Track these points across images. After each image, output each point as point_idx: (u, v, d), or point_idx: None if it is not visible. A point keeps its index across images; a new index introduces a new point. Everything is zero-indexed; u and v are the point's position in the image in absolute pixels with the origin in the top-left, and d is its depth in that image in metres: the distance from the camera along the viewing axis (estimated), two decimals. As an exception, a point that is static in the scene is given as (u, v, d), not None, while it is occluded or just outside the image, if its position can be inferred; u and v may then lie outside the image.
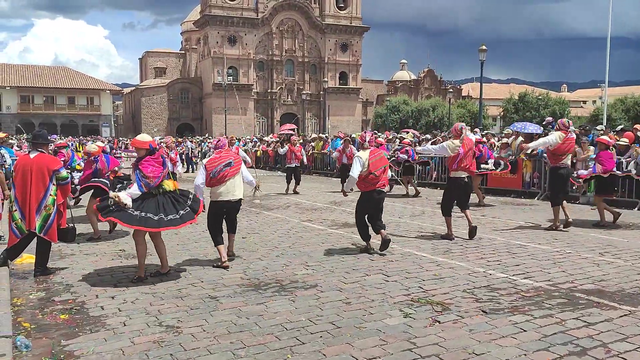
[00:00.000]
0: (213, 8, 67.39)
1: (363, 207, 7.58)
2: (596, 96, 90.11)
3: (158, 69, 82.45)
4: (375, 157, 7.37)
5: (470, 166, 8.37)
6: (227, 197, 6.85)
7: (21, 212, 6.29)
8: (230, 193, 6.85)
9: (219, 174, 6.73)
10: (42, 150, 6.57)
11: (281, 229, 9.53)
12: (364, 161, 7.27)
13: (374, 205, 7.50)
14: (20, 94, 63.61)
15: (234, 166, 6.86)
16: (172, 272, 6.48)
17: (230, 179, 6.81)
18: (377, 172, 7.29)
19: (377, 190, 7.40)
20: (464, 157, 8.22)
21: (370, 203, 7.46)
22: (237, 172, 6.91)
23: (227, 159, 6.85)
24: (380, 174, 7.35)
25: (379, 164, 7.35)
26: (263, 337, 4.40)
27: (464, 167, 8.29)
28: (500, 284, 5.92)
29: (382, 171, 7.38)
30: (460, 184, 8.39)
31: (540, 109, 61.22)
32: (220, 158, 6.86)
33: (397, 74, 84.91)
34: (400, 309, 5.05)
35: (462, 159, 8.22)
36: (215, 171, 6.72)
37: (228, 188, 6.83)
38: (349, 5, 73.79)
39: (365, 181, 7.36)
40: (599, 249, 7.72)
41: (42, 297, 5.59)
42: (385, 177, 7.49)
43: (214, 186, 6.81)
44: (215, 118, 67.27)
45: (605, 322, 4.68)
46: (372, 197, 7.42)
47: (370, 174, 7.28)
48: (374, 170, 7.27)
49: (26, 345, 4.18)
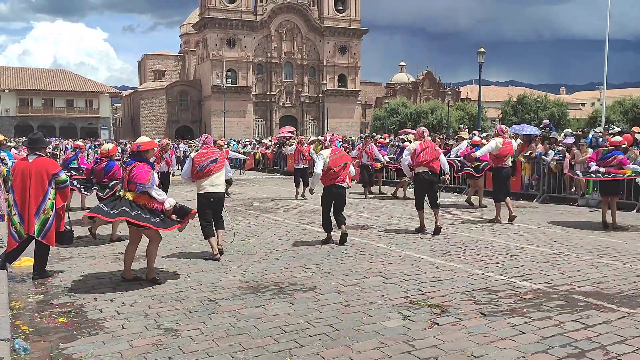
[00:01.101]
0: (212, 11, 67.44)
1: (325, 200, 8.39)
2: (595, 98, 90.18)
3: (157, 72, 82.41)
4: (335, 155, 8.31)
5: (430, 162, 9.16)
6: (212, 190, 7.46)
7: (20, 215, 6.29)
8: (215, 186, 7.49)
9: (206, 169, 7.39)
10: (40, 153, 6.57)
11: (280, 232, 9.53)
12: (325, 158, 8.24)
13: (334, 198, 8.32)
14: (19, 96, 63.55)
15: (219, 162, 7.54)
16: (171, 274, 6.48)
17: (214, 174, 7.47)
18: (336, 168, 8.19)
19: (335, 185, 8.26)
20: (421, 153, 9.15)
21: (331, 196, 8.32)
22: (221, 168, 7.59)
23: (213, 156, 7.53)
24: (340, 170, 8.24)
25: (338, 161, 8.26)
26: (262, 339, 4.40)
27: (424, 162, 9.14)
28: (499, 286, 5.93)
29: (341, 167, 8.26)
30: (423, 178, 9.20)
31: (539, 111, 61.26)
32: (207, 154, 7.54)
33: (396, 77, 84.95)
34: (399, 312, 5.05)
35: (419, 154, 9.16)
36: (202, 165, 7.39)
37: (213, 181, 7.47)
38: (347, 8, 73.84)
39: (326, 176, 8.26)
40: (597, 251, 7.73)
41: (41, 300, 5.59)
42: (345, 174, 8.34)
43: (200, 179, 7.44)
44: (214, 121, 67.25)
45: (604, 324, 4.69)
46: (331, 191, 8.29)
47: (329, 170, 8.20)
48: (333, 167, 8.19)
49: (24, 349, 4.17)
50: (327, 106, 67.86)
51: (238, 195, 15.67)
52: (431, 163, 9.16)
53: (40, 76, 66.78)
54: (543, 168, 13.83)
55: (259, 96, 71.54)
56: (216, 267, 6.92)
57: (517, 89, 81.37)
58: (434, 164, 9.20)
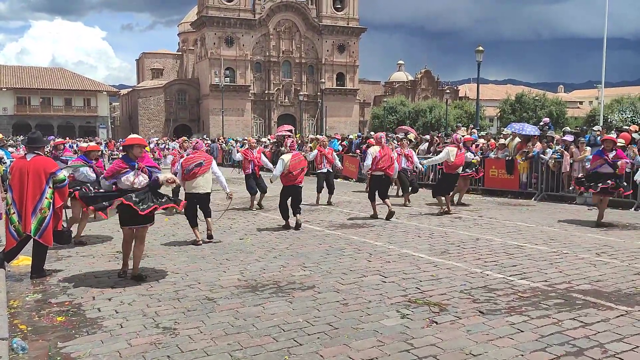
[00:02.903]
0: (210, 9, 67.34)
1: (284, 195, 9.58)
2: (593, 97, 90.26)
3: (155, 70, 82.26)
4: (294, 160, 9.33)
5: (386, 168, 10.42)
6: (197, 190, 8.28)
7: (19, 214, 6.27)
8: (200, 187, 8.30)
9: (191, 172, 8.20)
10: (39, 152, 6.55)
11: (278, 230, 9.52)
12: (286, 163, 9.27)
13: (292, 195, 9.53)
14: (16, 95, 63.38)
15: (204, 166, 8.29)
16: (169, 273, 6.49)
17: (200, 176, 8.25)
18: (294, 172, 9.28)
19: (294, 185, 9.43)
20: (380, 160, 10.37)
21: (289, 193, 9.53)
22: (207, 170, 8.33)
23: (199, 160, 8.32)
24: (298, 174, 9.35)
25: (297, 165, 9.31)
26: (260, 338, 4.40)
27: (381, 167, 10.41)
28: (497, 284, 5.93)
29: (299, 172, 9.37)
30: (379, 179, 10.58)
31: (537, 110, 61.35)
32: (193, 158, 8.37)
33: (395, 75, 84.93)
34: (398, 310, 5.06)
35: (379, 161, 10.38)
36: (189, 169, 8.21)
37: (198, 183, 8.27)
38: (346, 6, 73.75)
39: (286, 177, 9.37)
40: (595, 249, 7.74)
41: (39, 299, 5.58)
42: (302, 177, 9.50)
43: (188, 180, 8.26)
44: (212, 119, 67.18)
45: (602, 322, 4.69)
46: (290, 190, 9.49)
47: (289, 173, 9.28)
48: (292, 170, 9.26)
49: (22, 348, 4.17)
50: (326, 105, 67.79)
51: (236, 194, 15.64)
52: (387, 169, 10.46)
53: (38, 75, 66.62)
54: (541, 166, 13.84)
55: (258, 95, 71.48)
56: (215, 265, 6.92)
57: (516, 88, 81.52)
58: (388, 169, 10.49)
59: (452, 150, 11.14)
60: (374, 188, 10.79)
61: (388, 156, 10.52)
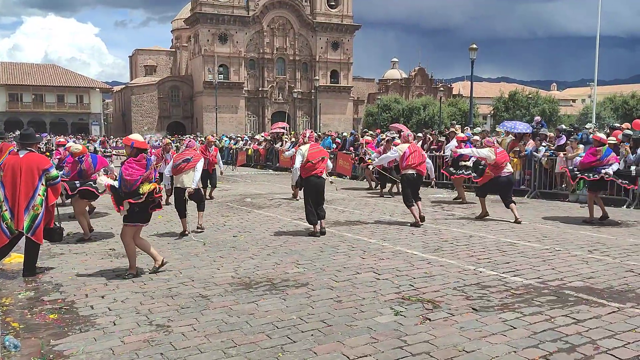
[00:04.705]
0: (204, 6, 67.13)
1: (307, 192, 8.87)
2: (585, 95, 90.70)
3: (148, 67, 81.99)
4: (313, 149, 8.92)
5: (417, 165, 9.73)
6: (180, 185, 8.67)
7: (11, 211, 6.24)
8: (184, 182, 8.61)
9: (178, 167, 8.65)
10: (32, 149, 6.51)
11: (272, 228, 9.52)
12: (304, 152, 8.84)
13: (314, 189, 8.79)
14: (8, 92, 63.04)
15: (191, 162, 8.62)
16: (163, 270, 6.46)
17: (185, 172, 8.61)
18: (314, 160, 8.74)
19: (314, 175, 8.77)
20: (410, 155, 9.71)
21: (311, 186, 8.80)
22: (192, 167, 8.61)
23: (186, 156, 8.71)
24: (317, 163, 8.77)
25: (316, 154, 8.84)
26: (254, 335, 4.40)
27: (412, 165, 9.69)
28: (491, 281, 5.95)
29: (319, 160, 8.80)
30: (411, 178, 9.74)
31: (530, 108, 61.60)
32: (182, 155, 8.85)
33: (389, 73, 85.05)
34: (391, 307, 5.07)
35: (408, 157, 9.71)
36: (176, 164, 8.67)
37: (183, 177, 8.63)
38: (340, 4, 73.76)
39: (305, 168, 8.84)
40: (587, 246, 7.78)
41: (31, 296, 5.55)
42: (322, 167, 8.90)
43: (175, 175, 8.77)
44: (206, 116, 67.06)
45: (594, 319, 4.72)
46: (311, 181, 8.79)
47: (308, 162, 8.75)
48: (312, 159, 8.74)
49: (15, 345, 4.15)
50: (320, 102, 67.82)
51: (230, 192, 15.64)
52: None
53: (31, 71, 66.23)
54: (534, 164, 13.90)
55: (251, 92, 71.39)
56: (208, 263, 6.91)
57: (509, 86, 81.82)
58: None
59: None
60: (406, 190, 9.77)
61: (418, 152, 9.94)
